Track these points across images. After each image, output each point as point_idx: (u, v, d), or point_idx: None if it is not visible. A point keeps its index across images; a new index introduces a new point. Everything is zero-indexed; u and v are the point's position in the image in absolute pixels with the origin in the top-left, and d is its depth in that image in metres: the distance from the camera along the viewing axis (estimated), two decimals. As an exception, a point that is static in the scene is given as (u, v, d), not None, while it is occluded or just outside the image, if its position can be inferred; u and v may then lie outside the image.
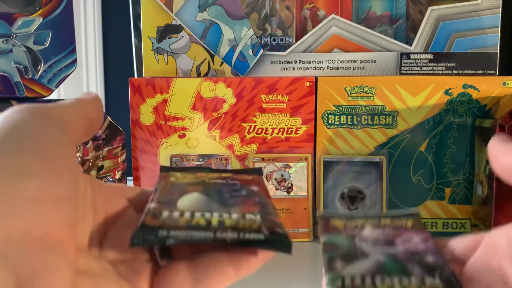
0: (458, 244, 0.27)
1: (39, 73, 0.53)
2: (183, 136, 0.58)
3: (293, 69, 0.59)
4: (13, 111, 0.21)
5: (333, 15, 0.58)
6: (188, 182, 0.28)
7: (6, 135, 0.20)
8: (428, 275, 0.24)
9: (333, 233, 0.29)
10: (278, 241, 0.23)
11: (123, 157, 0.55)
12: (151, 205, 0.24)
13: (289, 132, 0.57)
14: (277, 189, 0.57)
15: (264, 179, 0.55)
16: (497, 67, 0.58)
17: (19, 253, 0.18)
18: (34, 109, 0.22)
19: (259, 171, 0.31)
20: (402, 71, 0.59)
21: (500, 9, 0.57)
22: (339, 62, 0.59)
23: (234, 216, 0.24)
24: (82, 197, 0.23)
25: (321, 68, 0.59)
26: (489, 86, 0.55)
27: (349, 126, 0.57)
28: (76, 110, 0.24)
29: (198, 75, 0.60)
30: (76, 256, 0.21)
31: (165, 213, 0.24)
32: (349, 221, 0.30)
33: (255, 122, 0.57)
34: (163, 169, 0.30)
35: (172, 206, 0.24)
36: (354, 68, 0.59)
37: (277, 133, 0.57)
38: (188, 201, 0.25)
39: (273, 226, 0.23)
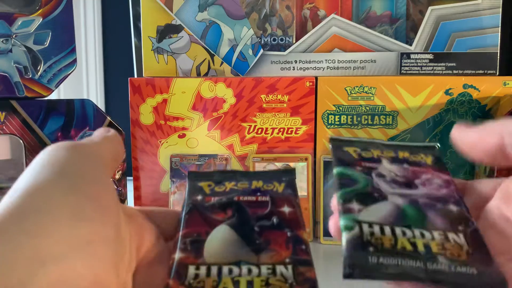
0: (477, 187, 0.27)
1: (39, 73, 0.53)
2: (183, 136, 0.57)
3: (293, 69, 0.59)
4: (57, 149, 0.21)
5: (333, 15, 0.58)
6: (217, 203, 0.26)
7: (58, 174, 0.20)
8: (451, 231, 0.23)
9: (346, 165, 0.26)
10: None
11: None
12: (177, 254, 0.23)
13: (289, 132, 0.57)
14: (277, 189, 0.57)
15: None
16: (497, 67, 0.58)
17: None
18: (77, 147, 0.22)
19: (291, 174, 0.29)
20: (402, 71, 0.59)
21: (500, 9, 0.57)
22: (339, 62, 0.59)
23: (264, 270, 0.22)
24: (124, 235, 0.23)
25: (321, 68, 0.59)
26: (489, 86, 0.55)
27: (349, 126, 0.57)
28: (108, 149, 0.24)
29: (198, 75, 0.60)
30: None
31: (191, 271, 0.22)
32: (364, 151, 0.27)
33: (255, 122, 0.57)
34: (191, 176, 0.28)
35: (199, 254, 0.23)
36: (354, 68, 0.59)
37: (277, 133, 0.57)
38: (215, 244, 0.24)
39: (305, 286, 0.22)
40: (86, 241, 0.19)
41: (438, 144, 0.28)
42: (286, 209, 0.26)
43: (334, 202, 0.25)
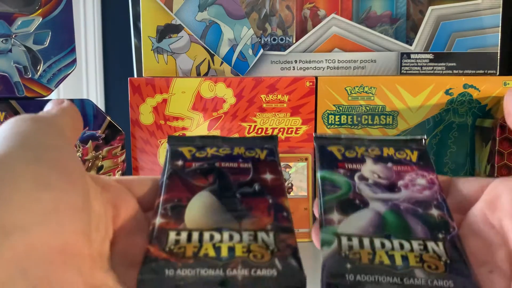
0: (462, 186, 0.26)
1: (38, 73, 0.53)
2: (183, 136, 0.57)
3: (293, 69, 0.59)
4: (17, 121, 0.21)
5: (333, 15, 0.58)
6: (198, 169, 0.26)
7: (19, 144, 0.20)
8: (431, 239, 0.23)
9: (330, 168, 0.26)
10: (291, 278, 0.21)
11: (123, 157, 0.55)
12: (158, 219, 0.23)
13: (289, 132, 0.57)
14: (277, 189, 0.57)
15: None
16: (498, 67, 0.58)
17: (39, 268, 0.17)
18: (37, 118, 0.22)
19: (273, 141, 0.28)
20: (402, 71, 0.59)
21: (501, 9, 0.57)
22: (339, 62, 0.59)
23: (245, 237, 0.22)
24: (95, 205, 0.22)
25: (321, 68, 0.59)
26: (489, 86, 0.55)
27: (350, 126, 0.57)
28: (67, 119, 0.24)
29: (198, 75, 0.60)
30: (91, 269, 0.20)
31: (172, 236, 0.22)
32: (348, 150, 0.27)
33: (255, 122, 0.57)
34: (171, 140, 0.28)
35: (180, 220, 0.23)
36: (354, 68, 0.59)
37: (277, 133, 0.57)
38: (196, 209, 0.24)
39: (286, 252, 0.22)
40: (51, 209, 0.18)
41: (425, 137, 0.28)
42: (268, 176, 0.26)
43: (316, 208, 0.25)
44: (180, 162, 0.26)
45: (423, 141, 0.28)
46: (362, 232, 0.23)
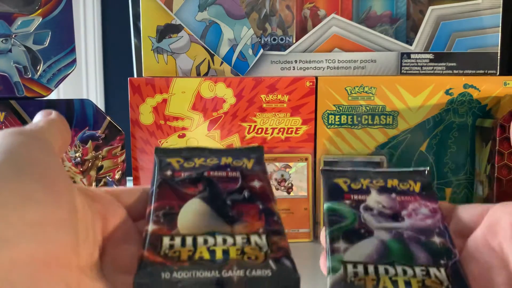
0: (464, 213, 0.26)
1: (38, 73, 0.53)
2: (183, 136, 0.57)
3: (293, 69, 0.59)
4: (2, 136, 0.21)
5: (333, 15, 0.58)
6: (187, 178, 0.26)
7: (3, 160, 0.20)
8: (433, 265, 0.23)
9: (336, 200, 0.27)
10: (285, 278, 0.21)
11: (123, 157, 0.55)
12: (150, 226, 0.23)
13: (289, 132, 0.57)
14: (277, 189, 0.57)
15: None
16: (498, 67, 0.58)
17: (24, 280, 0.18)
18: (23, 132, 0.22)
19: (260, 151, 0.29)
20: (402, 71, 0.59)
21: (501, 9, 0.57)
22: (339, 62, 0.59)
23: (239, 240, 0.22)
24: (83, 217, 0.22)
25: (321, 68, 0.59)
26: (489, 86, 0.55)
27: (350, 126, 0.57)
28: (55, 132, 0.24)
29: (198, 75, 0.60)
30: (79, 280, 0.20)
31: (166, 241, 0.22)
32: (353, 182, 0.28)
33: (255, 122, 0.57)
34: (158, 152, 0.28)
35: (172, 226, 0.23)
36: (354, 68, 0.59)
37: (277, 133, 0.57)
38: (189, 215, 0.24)
39: (279, 253, 0.22)
40: (36, 223, 0.19)
41: (428, 169, 0.28)
42: (256, 183, 0.26)
43: (323, 238, 0.26)
44: (169, 172, 0.27)
45: (426, 172, 0.29)
46: (367, 259, 0.24)
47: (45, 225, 0.19)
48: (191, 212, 0.24)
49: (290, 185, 0.57)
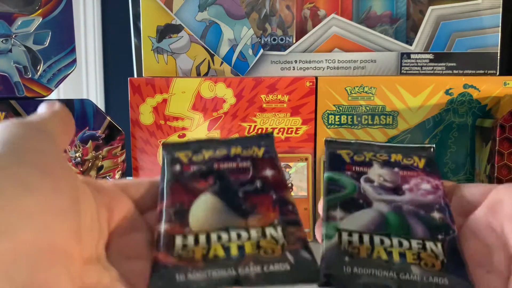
0: (466, 192, 0.26)
1: (38, 73, 0.53)
2: (183, 136, 0.57)
3: (293, 69, 0.59)
4: (4, 126, 0.21)
5: (333, 15, 0.58)
6: (196, 172, 0.26)
7: (4, 150, 0.20)
8: (430, 239, 0.23)
9: (337, 169, 0.26)
10: (305, 270, 0.20)
11: (123, 157, 0.55)
12: (162, 225, 0.23)
13: (289, 132, 0.57)
14: (277, 189, 0.57)
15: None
16: (498, 67, 0.58)
17: (25, 270, 0.17)
18: (25, 123, 0.22)
19: (269, 137, 0.28)
20: (402, 71, 0.59)
21: (501, 9, 0.57)
22: (339, 62, 0.59)
23: (254, 234, 0.22)
24: (87, 207, 0.22)
25: (321, 68, 0.59)
26: (489, 86, 0.55)
27: (350, 126, 0.57)
28: (58, 123, 0.24)
29: (198, 75, 0.60)
30: (82, 270, 0.20)
31: (178, 241, 0.22)
32: (356, 154, 0.27)
33: (255, 122, 0.57)
34: (166, 147, 0.27)
35: (184, 224, 0.22)
36: (354, 68, 0.59)
37: (277, 133, 0.57)
38: (200, 212, 0.23)
39: (296, 245, 0.21)
40: (35, 212, 0.18)
41: (434, 146, 0.28)
42: (268, 172, 0.26)
43: (321, 207, 0.25)
44: (177, 167, 0.26)
45: (432, 149, 0.28)
46: (363, 229, 0.23)
47: (44, 214, 0.19)
48: (203, 208, 0.24)
49: (290, 185, 0.57)
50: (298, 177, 0.57)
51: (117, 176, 0.55)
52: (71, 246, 0.20)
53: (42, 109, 0.25)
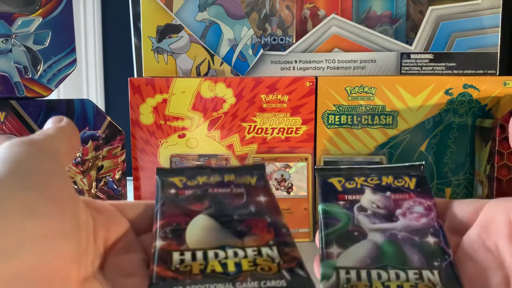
0: (459, 209, 0.26)
1: (38, 73, 0.53)
2: (183, 136, 0.57)
3: (293, 69, 0.59)
4: (10, 146, 0.21)
5: (333, 15, 0.58)
6: (191, 195, 0.26)
7: (9, 171, 0.20)
8: (426, 268, 0.23)
9: (330, 201, 0.27)
10: (301, 287, 0.21)
11: (123, 157, 0.55)
12: (158, 242, 0.23)
13: (289, 132, 0.57)
14: (277, 189, 0.57)
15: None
16: (498, 67, 0.58)
17: None
18: (30, 143, 0.22)
19: (261, 168, 0.29)
20: (402, 71, 0.59)
21: (501, 9, 0.57)
22: (339, 62, 0.59)
23: (250, 252, 0.22)
24: (84, 228, 0.22)
25: (321, 68, 0.59)
26: (489, 86, 0.55)
27: (349, 126, 0.57)
28: (64, 140, 0.24)
29: (198, 75, 0.60)
30: None
31: (176, 256, 0.22)
32: (348, 181, 0.28)
33: (255, 122, 0.57)
34: (160, 172, 0.28)
35: (181, 242, 0.23)
36: (354, 68, 0.59)
37: (277, 133, 0.57)
38: (196, 231, 0.24)
39: (292, 264, 0.22)
40: (39, 236, 0.19)
41: (423, 163, 0.28)
42: (262, 198, 0.26)
43: (317, 240, 0.26)
44: (173, 191, 0.27)
45: (422, 167, 0.29)
46: (360, 264, 0.23)
47: (47, 238, 0.19)
48: (199, 227, 0.24)
49: (290, 185, 0.57)
50: (298, 177, 0.57)
51: (117, 176, 0.55)
52: (70, 269, 0.20)
53: (48, 124, 0.25)
